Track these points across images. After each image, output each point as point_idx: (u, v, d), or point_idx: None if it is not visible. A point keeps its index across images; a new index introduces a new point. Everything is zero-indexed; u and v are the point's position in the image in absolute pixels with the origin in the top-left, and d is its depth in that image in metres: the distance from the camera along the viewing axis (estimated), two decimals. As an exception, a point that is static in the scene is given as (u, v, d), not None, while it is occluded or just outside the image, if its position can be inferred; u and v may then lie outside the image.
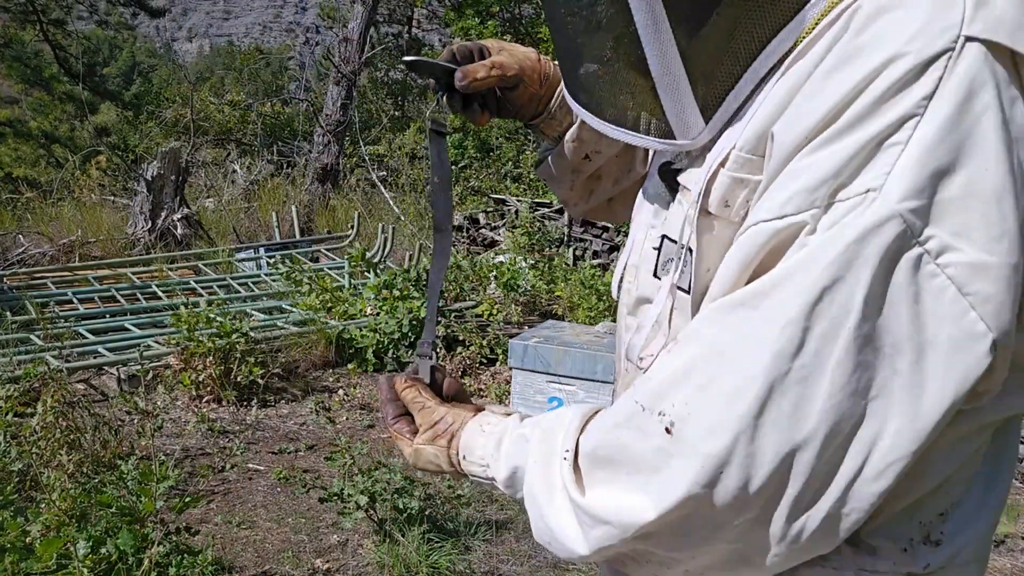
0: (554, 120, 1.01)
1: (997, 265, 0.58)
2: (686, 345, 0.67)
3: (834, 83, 0.61)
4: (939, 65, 0.58)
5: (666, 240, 0.78)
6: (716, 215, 0.71)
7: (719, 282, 0.68)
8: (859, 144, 0.59)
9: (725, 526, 0.65)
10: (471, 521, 3.18)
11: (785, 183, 0.63)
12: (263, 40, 76.66)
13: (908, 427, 0.61)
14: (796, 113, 0.64)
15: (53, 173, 12.11)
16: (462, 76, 0.91)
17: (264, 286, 6.50)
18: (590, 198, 1.09)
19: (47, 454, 3.16)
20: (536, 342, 3.74)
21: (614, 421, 0.72)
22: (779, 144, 0.64)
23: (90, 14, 15.53)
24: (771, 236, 0.63)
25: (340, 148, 10.88)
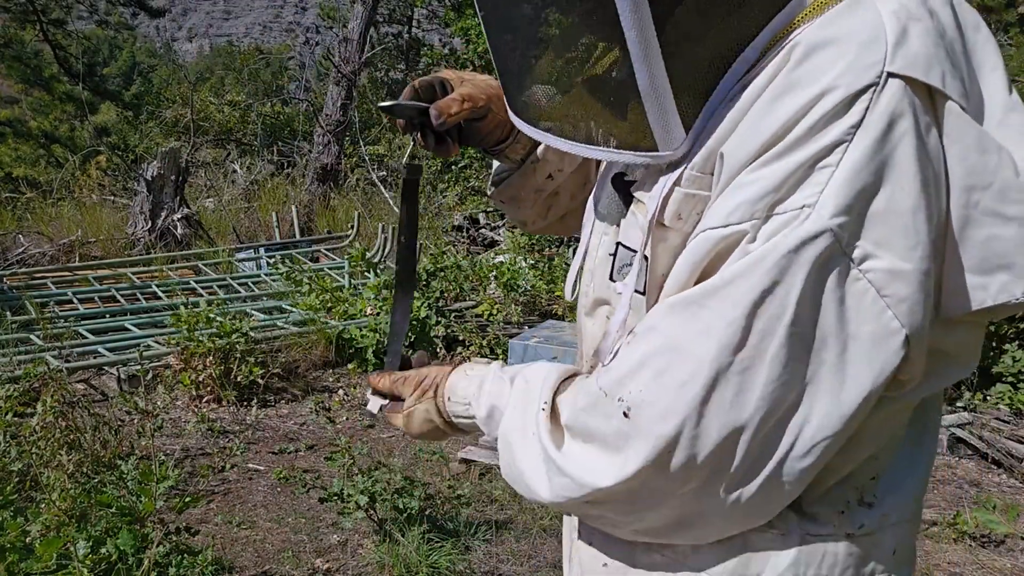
0: (518, 144, 1.04)
1: (912, 271, 0.68)
2: (643, 339, 0.75)
3: (776, 110, 0.68)
4: (865, 98, 0.66)
5: (621, 247, 0.84)
6: (670, 227, 0.78)
7: (672, 281, 0.75)
8: (796, 164, 0.67)
9: (671, 495, 0.75)
10: (471, 521, 3.18)
11: (731, 195, 0.70)
12: (263, 40, 76.65)
13: (834, 410, 0.70)
14: (742, 135, 0.71)
15: (53, 173, 12.12)
16: (438, 114, 0.93)
17: (264, 286, 6.50)
18: (548, 215, 1.14)
19: (47, 454, 3.16)
20: (536, 342, 3.74)
21: (584, 403, 0.79)
22: (727, 163, 0.71)
23: (90, 14, 15.52)
24: (717, 242, 0.71)
25: (340, 148, 10.88)
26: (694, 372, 0.70)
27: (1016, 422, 4.18)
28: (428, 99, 0.96)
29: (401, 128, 0.98)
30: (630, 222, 0.83)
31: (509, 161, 1.07)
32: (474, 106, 0.96)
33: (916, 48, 0.68)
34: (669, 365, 0.72)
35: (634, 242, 0.82)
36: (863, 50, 0.67)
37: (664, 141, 0.76)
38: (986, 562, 3.08)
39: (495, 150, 1.05)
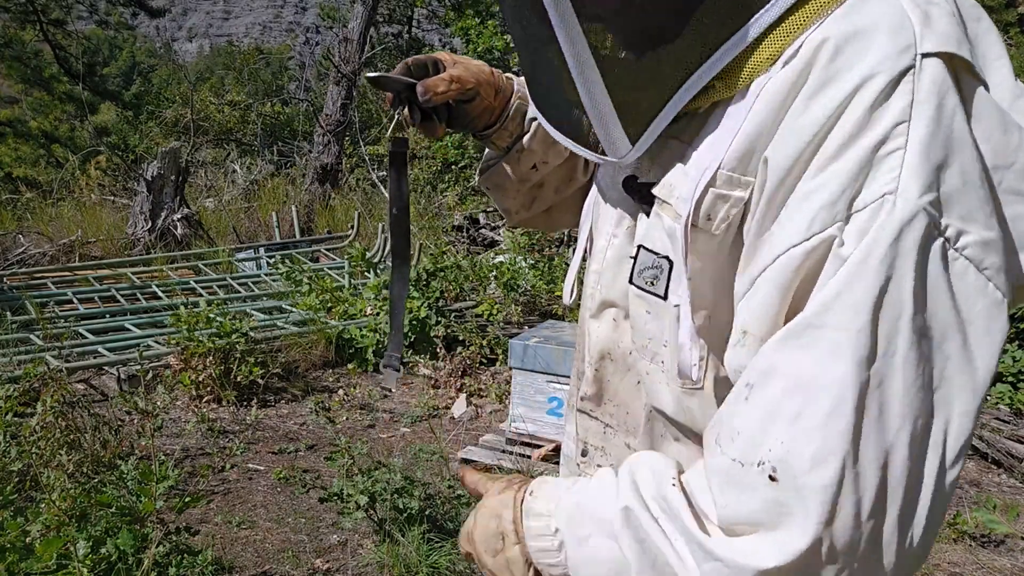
0: (505, 131, 1.04)
1: (996, 239, 0.66)
2: (762, 387, 0.67)
3: (813, 107, 0.67)
4: (908, 79, 0.66)
5: (643, 250, 0.82)
6: (700, 228, 0.76)
7: (761, 315, 0.70)
8: (859, 156, 0.65)
9: (841, 561, 0.64)
10: (471, 521, 3.18)
11: (800, 206, 0.67)
12: (263, 40, 76.62)
13: (970, 405, 0.66)
14: (785, 135, 0.69)
15: (53, 173, 12.11)
16: (424, 90, 0.94)
17: (264, 286, 6.50)
18: (532, 206, 1.13)
19: (47, 454, 3.16)
20: (536, 342, 3.73)
21: (718, 482, 0.69)
22: (773, 167, 0.69)
23: (90, 14, 15.52)
24: (803, 257, 0.66)
25: (340, 148, 10.87)
26: (836, 401, 0.63)
27: (1016, 422, 4.18)
28: (420, 77, 0.96)
29: (389, 102, 0.98)
30: (653, 224, 0.81)
31: (496, 148, 1.08)
32: (462, 88, 0.96)
33: (942, 27, 0.68)
34: (805, 403, 0.64)
35: (658, 245, 0.80)
36: (893, 36, 0.67)
37: (609, 148, 0.78)
38: (986, 562, 3.08)
39: (482, 135, 1.05)
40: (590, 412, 0.94)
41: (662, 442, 0.88)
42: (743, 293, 0.72)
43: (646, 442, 0.89)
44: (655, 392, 0.86)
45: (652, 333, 0.83)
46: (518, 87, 1.04)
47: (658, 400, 0.86)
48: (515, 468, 3.57)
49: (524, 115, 1.04)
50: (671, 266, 0.79)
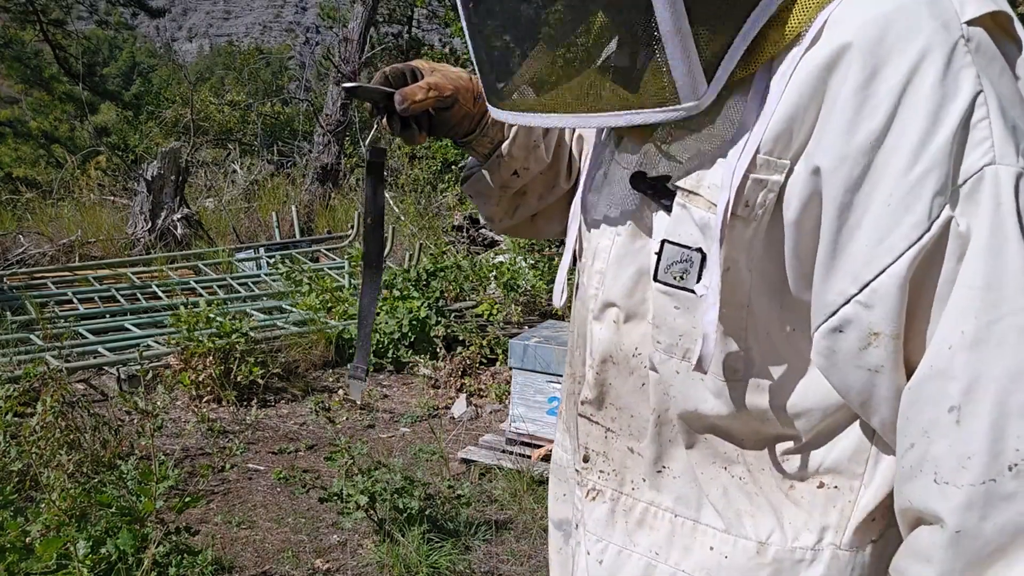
0: (485, 137, 1.03)
1: None
2: (975, 401, 0.66)
3: (877, 90, 0.67)
4: (961, 49, 0.66)
5: (668, 245, 0.80)
6: (738, 216, 0.75)
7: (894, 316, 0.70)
8: (949, 133, 0.66)
9: None
10: (471, 521, 3.18)
11: (911, 198, 0.67)
12: (263, 40, 76.62)
13: None
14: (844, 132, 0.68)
15: (53, 173, 12.11)
16: (402, 99, 0.93)
17: (264, 286, 6.50)
18: (515, 214, 1.12)
19: (47, 454, 3.16)
20: (536, 342, 3.73)
21: (970, 518, 0.66)
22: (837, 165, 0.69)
23: (90, 14, 15.52)
24: (927, 246, 0.67)
25: (340, 148, 10.87)
26: None
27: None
28: (398, 86, 0.96)
29: (368, 111, 0.98)
30: (679, 218, 0.79)
31: (476, 154, 1.07)
32: (440, 95, 0.95)
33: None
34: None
35: (687, 238, 0.78)
36: (933, 9, 0.67)
37: (688, 88, 0.73)
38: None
39: (463, 142, 1.04)
40: (590, 417, 0.92)
41: (670, 447, 0.87)
42: (849, 295, 0.71)
43: (652, 447, 0.87)
44: (687, 392, 0.83)
45: (683, 329, 0.81)
46: None
47: (691, 400, 0.83)
48: (515, 468, 3.57)
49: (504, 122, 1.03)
50: (703, 258, 0.77)
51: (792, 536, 0.83)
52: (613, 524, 0.90)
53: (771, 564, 0.83)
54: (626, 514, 0.89)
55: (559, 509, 1.05)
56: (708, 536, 0.86)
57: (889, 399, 0.73)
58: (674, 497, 0.87)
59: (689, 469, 0.86)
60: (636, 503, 0.89)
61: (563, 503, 1.04)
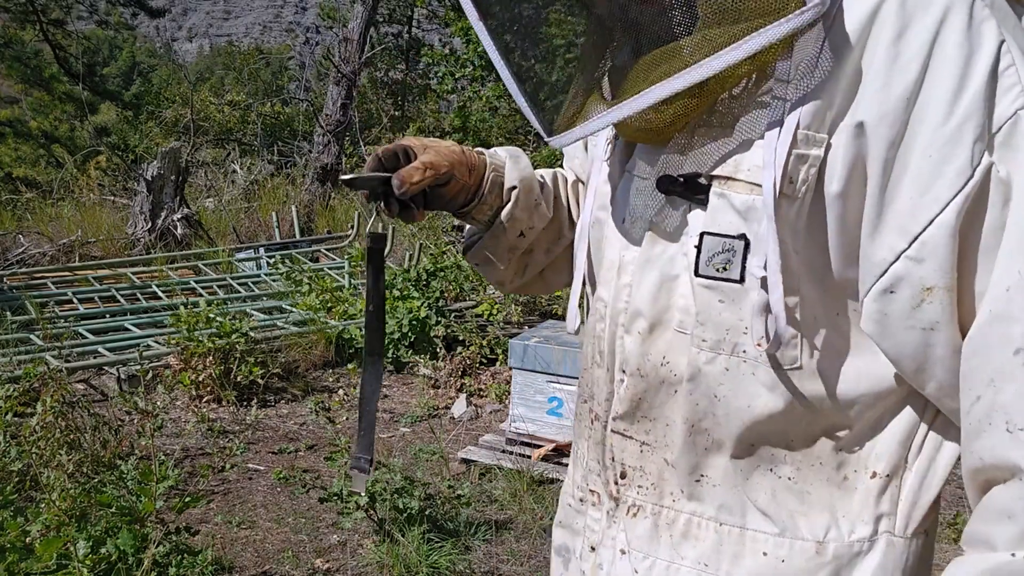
0: (484, 205, 1.03)
1: None
2: None
3: (908, 47, 0.70)
4: (979, 4, 0.70)
5: (708, 236, 0.79)
6: (784, 193, 0.75)
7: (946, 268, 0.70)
8: (981, 81, 0.68)
9: None
10: (471, 521, 3.18)
11: (952, 147, 0.69)
12: (263, 40, 76.61)
13: None
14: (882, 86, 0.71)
15: (53, 173, 12.11)
16: (400, 183, 0.93)
17: (264, 286, 6.50)
18: (524, 272, 1.12)
19: (47, 454, 3.16)
20: (536, 342, 3.73)
21: None
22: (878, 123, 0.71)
23: (90, 14, 15.53)
24: (971, 193, 0.69)
25: (340, 148, 10.87)
26: None
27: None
28: (392, 167, 0.96)
29: (364, 198, 0.97)
30: (717, 207, 0.78)
31: (477, 223, 1.06)
32: (436, 173, 0.95)
33: None
34: None
35: (727, 227, 0.78)
36: None
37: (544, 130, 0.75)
38: (986, 562, 3.07)
39: (461, 213, 1.03)
40: (624, 432, 0.90)
41: (707, 455, 0.85)
42: (899, 251, 0.72)
43: (687, 457, 0.86)
44: (738, 390, 0.82)
45: (730, 323, 0.80)
46: (489, 159, 1.03)
47: (742, 398, 0.82)
48: (515, 468, 3.57)
49: (501, 186, 1.02)
50: (746, 245, 0.77)
51: (848, 530, 0.83)
52: (657, 539, 0.89)
53: (832, 562, 0.83)
54: (669, 527, 0.88)
55: (558, 534, 1.04)
56: (759, 542, 0.84)
57: (945, 359, 0.73)
58: (716, 505, 0.86)
59: (729, 476, 0.85)
60: (678, 515, 0.87)
61: (561, 529, 1.03)
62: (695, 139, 0.80)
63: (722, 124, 0.78)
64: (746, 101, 0.77)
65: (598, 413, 0.93)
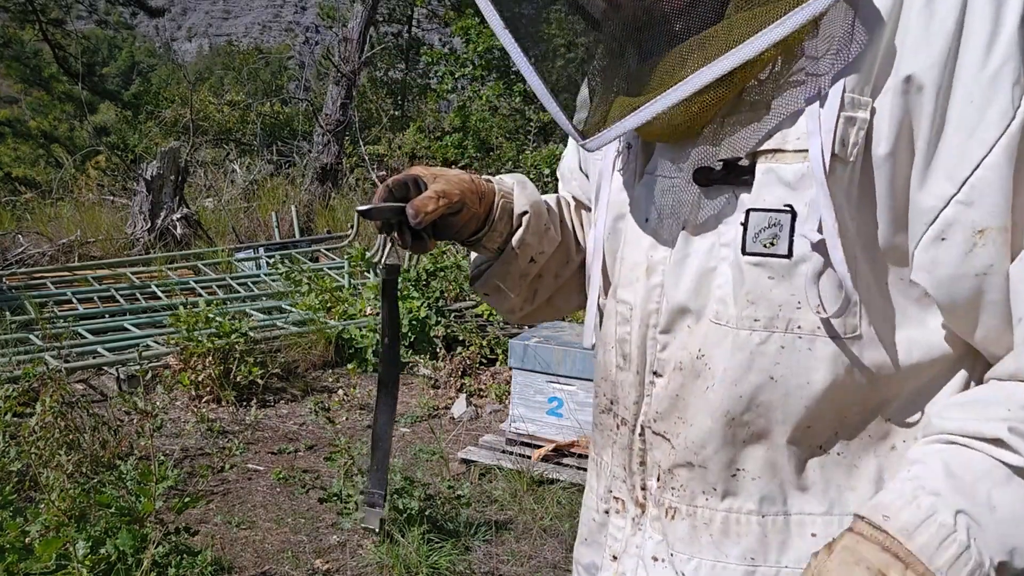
0: (495, 232, 1.03)
1: None
2: None
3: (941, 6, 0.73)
4: None
5: (754, 212, 0.79)
6: (837, 156, 0.76)
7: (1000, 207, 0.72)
8: (1012, 32, 0.72)
9: None
10: (471, 521, 3.18)
11: (993, 89, 0.72)
12: (263, 40, 76.57)
13: None
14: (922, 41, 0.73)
15: (52, 173, 12.11)
16: (415, 212, 0.93)
17: (264, 286, 6.49)
18: (534, 299, 1.12)
19: (46, 454, 3.16)
20: (536, 342, 3.73)
21: None
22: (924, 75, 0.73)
23: (89, 14, 15.52)
24: (1011, 139, 0.71)
25: (340, 148, 10.87)
26: None
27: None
28: (402, 197, 0.96)
29: (377, 228, 0.97)
30: (763, 183, 0.79)
31: (487, 251, 1.05)
32: (450, 202, 0.95)
33: None
34: None
35: (773, 201, 0.78)
36: None
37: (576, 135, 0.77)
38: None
39: (471, 241, 1.03)
40: (663, 433, 0.89)
41: (745, 447, 0.84)
42: (948, 196, 0.73)
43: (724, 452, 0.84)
44: (796, 367, 0.80)
45: (781, 299, 0.79)
46: (497, 186, 1.03)
47: (800, 374, 0.80)
48: (515, 468, 3.57)
49: (511, 213, 1.03)
50: (793, 216, 0.77)
51: None
52: (698, 539, 0.88)
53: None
54: (707, 527, 0.87)
55: (584, 552, 1.03)
56: (807, 525, 0.84)
57: (999, 303, 0.74)
58: (757, 498, 0.85)
59: (770, 465, 0.84)
60: (715, 514, 0.86)
61: (587, 546, 1.02)
62: (726, 128, 0.80)
63: (754, 108, 0.79)
64: (778, 82, 0.78)
65: (625, 418, 0.92)
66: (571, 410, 3.67)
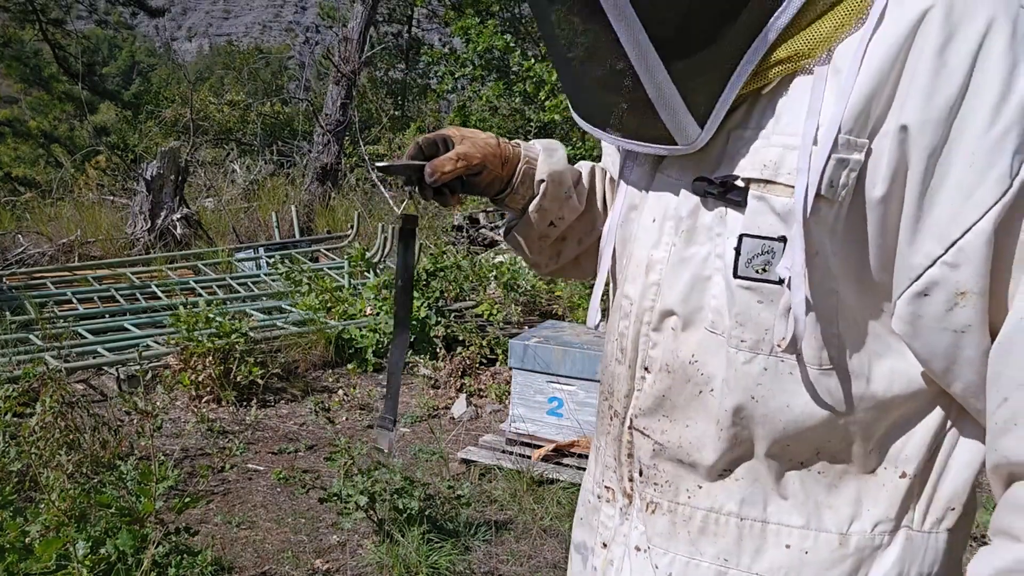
0: (517, 195, 1.08)
1: None
2: None
3: (953, 56, 0.71)
4: (1023, 17, 0.72)
5: (747, 239, 0.80)
6: (823, 196, 0.76)
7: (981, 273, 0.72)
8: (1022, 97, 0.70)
9: None
10: (471, 521, 3.18)
11: (994, 155, 0.71)
12: (263, 39, 76.55)
13: None
14: (927, 93, 0.72)
15: (52, 173, 12.10)
16: (431, 171, 0.99)
17: (264, 286, 6.49)
18: (559, 259, 1.17)
19: (46, 454, 3.16)
20: (536, 342, 3.73)
21: None
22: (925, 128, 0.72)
23: (89, 13, 15.53)
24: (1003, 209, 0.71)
25: (340, 148, 10.87)
26: None
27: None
28: (431, 155, 1.02)
29: (402, 182, 1.04)
30: (756, 210, 0.80)
31: (511, 211, 1.11)
32: (468, 164, 1.01)
33: None
34: None
35: (767, 229, 0.79)
36: None
37: (680, 135, 0.81)
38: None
39: (495, 200, 1.09)
40: (643, 429, 0.92)
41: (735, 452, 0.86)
42: (935, 256, 0.74)
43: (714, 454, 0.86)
44: (776, 390, 0.82)
45: (769, 323, 0.81)
46: (524, 152, 1.07)
47: (780, 397, 0.82)
48: (515, 468, 3.57)
49: (533, 178, 1.07)
50: (786, 246, 0.78)
51: (872, 523, 0.84)
52: (675, 535, 0.90)
53: (854, 554, 0.84)
54: (686, 523, 0.89)
55: (577, 532, 1.06)
56: (783, 535, 0.86)
57: (974, 360, 0.75)
58: (738, 500, 0.87)
59: (754, 472, 0.86)
60: (695, 511, 0.89)
61: (580, 526, 1.05)
62: (729, 143, 0.82)
63: (757, 127, 0.80)
64: (782, 104, 0.79)
65: (617, 409, 0.95)
66: (571, 410, 3.67)
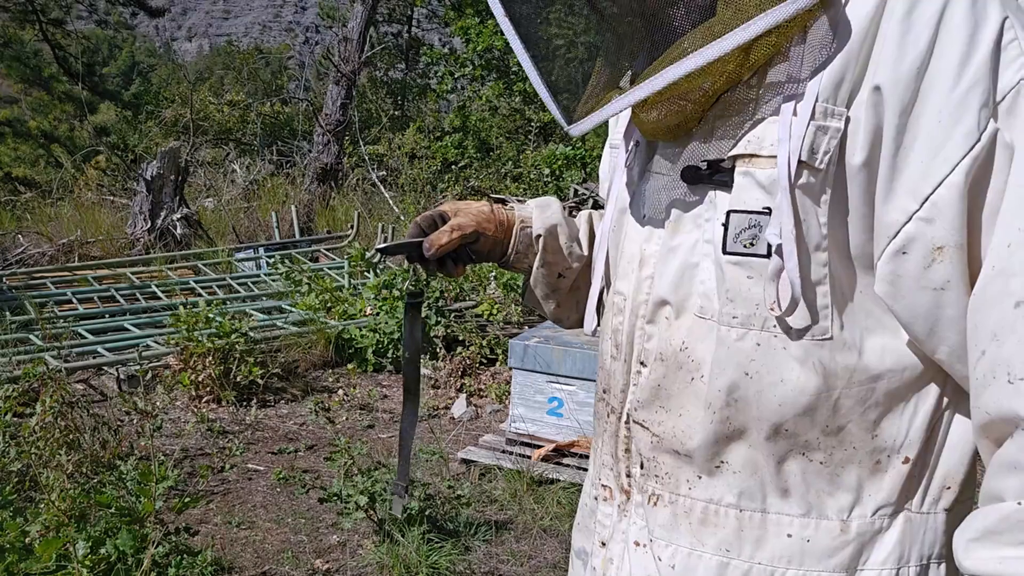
0: (519, 255, 1.12)
1: None
2: None
3: (919, 20, 0.74)
4: None
5: (734, 215, 0.82)
6: (805, 163, 0.78)
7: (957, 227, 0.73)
8: (986, 52, 0.72)
9: None
10: (471, 521, 3.18)
11: (960, 111, 0.72)
12: (263, 39, 76.56)
13: None
14: (895, 57, 0.74)
15: (52, 173, 12.10)
16: (428, 246, 1.04)
17: (264, 286, 6.49)
18: (578, 308, 1.18)
19: (46, 454, 3.16)
20: (536, 342, 3.73)
21: None
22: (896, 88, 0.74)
23: (89, 13, 15.53)
24: (979, 155, 0.72)
25: (340, 148, 10.87)
26: None
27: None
28: (430, 231, 1.06)
29: (405, 259, 1.08)
30: (742, 186, 0.81)
31: (520, 271, 1.15)
32: (463, 234, 1.05)
33: None
34: None
35: (753, 203, 0.81)
36: None
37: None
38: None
39: (502, 264, 1.13)
40: (643, 422, 0.92)
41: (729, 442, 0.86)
42: (910, 212, 0.75)
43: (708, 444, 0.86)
44: (770, 365, 0.82)
45: (759, 297, 0.81)
46: (519, 213, 1.11)
47: (774, 373, 0.82)
48: (515, 468, 3.57)
49: (531, 236, 1.10)
50: (771, 216, 0.79)
51: (873, 508, 0.85)
52: (677, 527, 0.90)
53: (855, 539, 0.85)
54: (687, 515, 0.90)
55: (577, 537, 1.07)
56: (783, 524, 0.86)
57: (956, 319, 0.76)
58: (736, 492, 0.87)
59: (751, 462, 0.86)
60: (695, 503, 0.89)
61: (579, 531, 1.06)
62: (715, 129, 0.83)
63: (740, 111, 0.81)
64: (762, 86, 0.80)
65: (613, 406, 0.95)
66: (571, 410, 3.67)
